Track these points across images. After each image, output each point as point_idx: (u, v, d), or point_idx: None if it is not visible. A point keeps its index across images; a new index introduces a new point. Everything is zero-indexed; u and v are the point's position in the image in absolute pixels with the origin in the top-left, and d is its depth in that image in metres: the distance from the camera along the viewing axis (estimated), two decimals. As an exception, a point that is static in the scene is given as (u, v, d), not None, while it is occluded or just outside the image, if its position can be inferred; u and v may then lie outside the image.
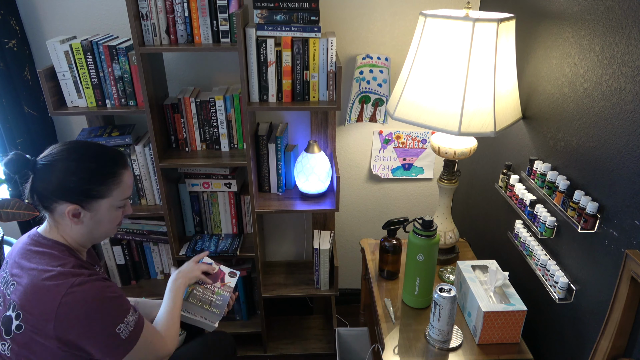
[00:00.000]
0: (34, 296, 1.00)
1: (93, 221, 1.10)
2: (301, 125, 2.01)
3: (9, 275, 1.07)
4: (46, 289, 0.99)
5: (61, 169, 1.05)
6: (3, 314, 1.05)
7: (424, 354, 1.30)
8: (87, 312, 1.00)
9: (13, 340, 1.02)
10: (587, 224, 1.10)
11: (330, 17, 1.83)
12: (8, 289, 1.05)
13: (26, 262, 1.05)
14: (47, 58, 1.84)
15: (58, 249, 1.08)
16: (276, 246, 2.29)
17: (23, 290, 1.01)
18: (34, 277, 1.02)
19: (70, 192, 1.05)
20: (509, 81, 1.34)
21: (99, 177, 1.08)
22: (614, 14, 1.05)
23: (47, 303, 0.98)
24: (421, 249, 1.36)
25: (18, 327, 1.01)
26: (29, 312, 1.00)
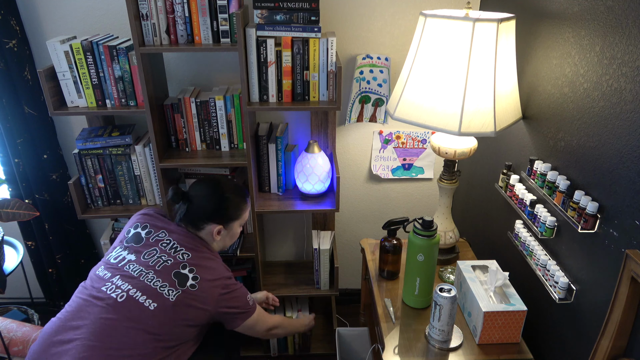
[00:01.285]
0: (209, 271, 1.36)
1: (227, 237, 1.52)
2: (301, 125, 2.01)
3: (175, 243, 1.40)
4: (218, 269, 1.39)
5: (212, 200, 1.45)
6: (175, 269, 1.34)
7: (424, 354, 1.30)
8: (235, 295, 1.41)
9: (184, 292, 1.30)
10: (587, 224, 1.10)
11: (330, 17, 1.83)
12: (178, 254, 1.37)
13: (192, 245, 1.40)
14: (47, 58, 1.84)
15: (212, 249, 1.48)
16: (276, 246, 2.29)
17: (202, 264, 1.37)
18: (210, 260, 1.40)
19: (218, 216, 1.45)
20: (509, 81, 1.34)
21: (237, 204, 1.50)
22: (614, 14, 1.05)
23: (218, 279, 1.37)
24: (421, 249, 1.36)
25: (192, 286, 1.32)
26: (204, 279, 1.34)
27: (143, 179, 1.82)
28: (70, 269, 2.15)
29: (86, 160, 1.77)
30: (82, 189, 1.82)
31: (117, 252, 1.40)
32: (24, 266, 2.03)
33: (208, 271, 1.36)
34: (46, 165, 1.94)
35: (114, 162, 1.78)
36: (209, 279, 1.35)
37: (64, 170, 2.00)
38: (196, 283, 1.32)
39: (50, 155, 1.93)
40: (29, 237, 2.08)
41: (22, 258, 1.83)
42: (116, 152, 1.76)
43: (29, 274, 2.21)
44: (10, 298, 2.34)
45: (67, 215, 2.06)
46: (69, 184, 1.74)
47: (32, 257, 2.14)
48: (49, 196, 1.98)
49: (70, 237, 2.11)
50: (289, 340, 2.11)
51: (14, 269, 1.75)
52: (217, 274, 1.38)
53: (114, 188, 1.83)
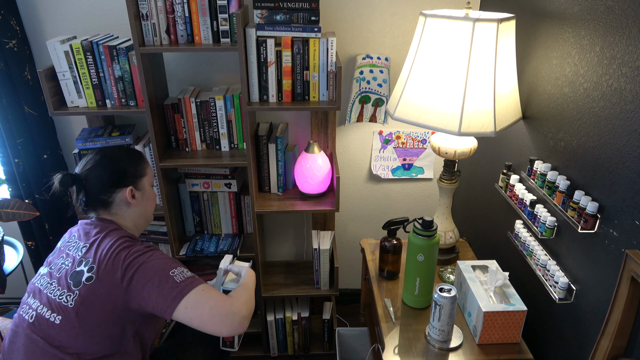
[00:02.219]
0: (107, 251, 1.17)
1: (144, 199, 1.34)
2: (301, 125, 2.01)
3: (77, 241, 1.25)
4: (118, 246, 1.18)
5: (106, 166, 1.28)
6: (72, 270, 1.18)
7: (424, 354, 1.30)
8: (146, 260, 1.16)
9: (81, 290, 1.14)
10: (587, 224, 1.10)
11: (330, 17, 1.83)
12: (78, 252, 1.22)
13: (93, 232, 1.24)
14: (47, 58, 1.84)
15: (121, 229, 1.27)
16: (276, 246, 2.29)
17: (97, 249, 1.18)
18: (107, 239, 1.20)
19: (122, 178, 1.29)
20: (509, 81, 1.34)
21: (136, 159, 1.34)
22: (614, 14, 1.05)
23: (120, 257, 1.15)
24: (421, 249, 1.36)
25: (88, 279, 1.15)
26: (102, 264, 1.15)
27: (143, 179, 1.82)
28: (70, 269, 2.15)
29: (86, 160, 1.77)
30: (82, 189, 1.82)
31: (39, 271, 1.28)
32: (24, 266, 2.03)
33: (107, 255, 1.16)
34: (46, 165, 1.94)
35: (114, 162, 1.78)
36: (109, 261, 1.14)
37: (64, 170, 2.00)
38: (92, 274, 1.14)
39: (50, 155, 1.93)
40: (29, 237, 2.08)
41: (22, 258, 1.83)
42: (116, 152, 1.76)
43: (29, 274, 2.21)
44: (10, 298, 2.34)
45: (67, 215, 2.06)
46: (69, 184, 1.74)
47: (32, 257, 2.14)
48: (49, 196, 1.98)
49: (70, 237, 2.11)
50: (288, 341, 2.11)
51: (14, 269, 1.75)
52: (120, 253, 1.15)
53: (114, 188, 1.83)
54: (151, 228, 1.94)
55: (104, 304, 1.14)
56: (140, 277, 1.14)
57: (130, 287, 1.14)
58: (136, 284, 1.14)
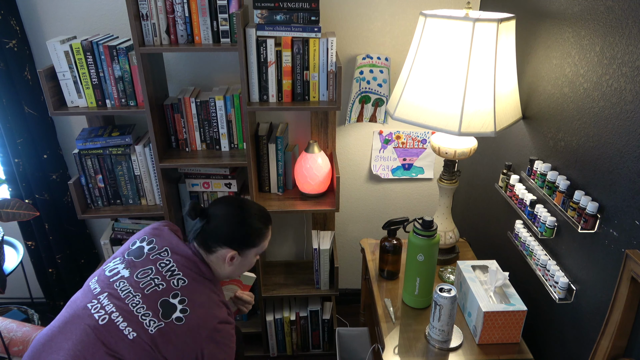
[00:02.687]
0: (204, 305, 1.20)
1: (240, 264, 1.35)
2: (301, 125, 2.01)
3: (174, 265, 1.25)
4: (213, 306, 1.22)
5: (233, 224, 1.30)
6: (164, 297, 1.19)
7: (424, 354, 1.30)
8: (226, 342, 1.22)
9: (167, 325, 1.16)
10: (587, 224, 1.10)
11: (330, 17, 1.83)
12: (174, 279, 1.22)
13: (193, 272, 1.25)
14: (47, 58, 1.84)
15: (215, 280, 1.31)
16: (276, 246, 2.29)
17: (195, 294, 1.21)
18: (206, 290, 1.23)
19: (236, 242, 1.30)
20: (509, 81, 1.34)
21: (259, 233, 1.34)
22: (614, 14, 1.05)
23: (211, 318, 1.20)
24: (421, 249, 1.36)
25: (178, 319, 1.17)
26: (195, 315, 1.18)
27: (143, 179, 1.82)
28: (70, 269, 2.15)
29: (86, 160, 1.77)
30: (82, 189, 1.82)
31: (114, 263, 1.29)
32: (24, 266, 2.03)
33: (201, 306, 1.20)
34: (46, 165, 1.94)
35: (114, 162, 1.78)
36: (201, 315, 1.19)
37: (64, 170, 2.00)
38: (184, 317, 1.17)
39: (50, 155, 1.93)
40: (29, 237, 2.08)
41: (22, 258, 1.83)
42: (116, 152, 1.76)
43: (29, 274, 2.21)
44: (10, 298, 2.34)
45: (67, 215, 2.06)
46: (69, 184, 1.74)
47: (32, 257, 2.14)
48: (49, 196, 1.98)
49: (70, 237, 2.11)
50: (287, 341, 2.11)
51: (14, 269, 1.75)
52: (212, 312, 1.21)
53: (114, 188, 1.83)
54: (151, 228, 1.94)
55: (179, 349, 1.16)
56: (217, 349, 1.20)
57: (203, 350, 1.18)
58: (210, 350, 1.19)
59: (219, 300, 1.25)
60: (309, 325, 2.09)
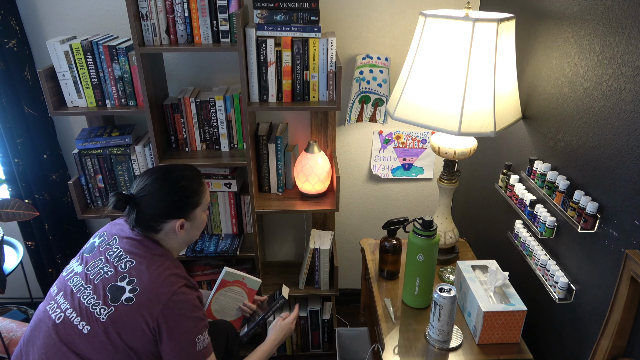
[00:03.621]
0: (153, 281, 1.16)
1: (193, 228, 1.32)
2: (301, 125, 2.01)
3: (120, 251, 1.23)
4: (165, 279, 1.17)
5: (163, 196, 1.24)
6: (112, 282, 1.17)
7: (424, 354, 1.30)
8: (185, 313, 1.17)
9: (117, 309, 1.13)
10: (587, 224, 1.10)
11: (330, 17, 1.83)
12: (121, 263, 1.20)
13: (140, 251, 1.22)
14: (47, 58, 1.84)
15: (166, 255, 1.27)
16: (276, 246, 2.29)
17: (144, 272, 1.17)
18: (155, 266, 1.19)
19: (175, 211, 1.26)
20: (509, 81, 1.34)
21: (193, 191, 1.29)
22: (614, 14, 1.05)
23: (164, 292, 1.15)
24: (421, 249, 1.36)
25: (128, 300, 1.14)
26: (145, 291, 1.14)
27: (143, 179, 1.82)
28: (70, 269, 2.15)
29: (86, 160, 1.77)
30: (82, 189, 1.82)
31: (71, 264, 1.27)
32: (24, 266, 2.03)
33: (151, 282, 1.16)
34: (46, 165, 1.94)
35: (114, 162, 1.78)
36: (150, 290, 1.14)
37: (63, 170, 2.00)
38: (133, 296, 1.13)
39: (50, 155, 1.93)
40: (29, 237, 2.08)
41: (22, 258, 1.83)
42: (116, 152, 1.76)
43: (29, 274, 2.21)
44: (10, 298, 2.34)
45: (67, 215, 2.06)
46: (69, 184, 1.74)
47: (32, 257, 2.14)
48: (49, 196, 1.98)
49: (70, 237, 2.11)
50: (287, 341, 2.11)
51: (14, 269, 1.75)
52: (163, 286, 1.15)
53: (114, 188, 1.83)
54: (151, 228, 1.94)
55: (135, 330, 1.13)
56: (172, 327, 1.15)
57: (160, 332, 1.14)
58: (165, 332, 1.14)
59: (170, 273, 1.20)
60: (309, 325, 2.09)
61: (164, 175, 1.27)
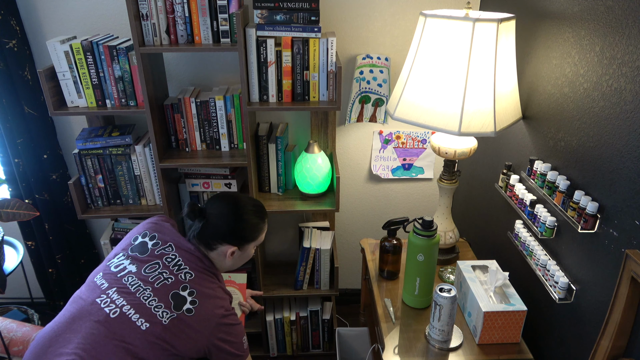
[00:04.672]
0: (210, 298, 1.26)
1: (240, 257, 1.41)
2: (301, 125, 2.01)
3: (180, 260, 1.30)
4: (218, 297, 1.29)
5: (231, 221, 1.35)
6: (174, 290, 1.25)
7: (424, 354, 1.30)
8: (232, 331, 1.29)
9: (179, 316, 1.21)
10: (587, 224, 1.10)
11: (330, 17, 1.83)
12: (181, 273, 1.28)
13: (199, 266, 1.31)
14: (47, 58, 1.84)
15: (217, 273, 1.37)
16: (276, 246, 2.29)
17: (203, 288, 1.27)
18: (210, 283, 1.30)
19: (234, 238, 1.36)
20: (509, 81, 1.34)
21: (256, 228, 1.40)
22: (614, 14, 1.05)
23: (217, 308, 1.26)
24: (421, 249, 1.36)
25: (189, 311, 1.23)
26: (203, 306, 1.24)
27: (143, 179, 1.82)
28: (70, 269, 2.15)
29: (86, 160, 1.77)
30: (82, 189, 1.82)
31: (119, 259, 1.31)
32: (24, 266, 2.03)
33: (209, 297, 1.27)
34: (46, 165, 1.94)
35: (114, 162, 1.78)
36: (209, 306, 1.25)
37: (64, 170, 2.00)
38: (193, 308, 1.23)
39: (50, 155, 1.93)
40: (29, 237, 2.08)
41: (22, 258, 1.83)
42: (116, 152, 1.76)
43: (29, 274, 2.21)
44: (10, 298, 2.34)
45: (67, 215, 2.06)
46: (69, 184, 1.74)
47: (32, 257, 2.14)
48: (49, 196, 1.98)
49: (70, 237, 2.11)
50: (287, 341, 2.11)
51: (14, 269, 1.75)
52: (219, 302, 1.28)
53: (114, 188, 1.83)
54: (151, 228, 1.94)
55: (191, 339, 1.22)
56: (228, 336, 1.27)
57: (215, 338, 1.24)
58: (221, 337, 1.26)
59: (223, 291, 1.32)
60: (309, 325, 2.09)
61: (239, 203, 1.39)
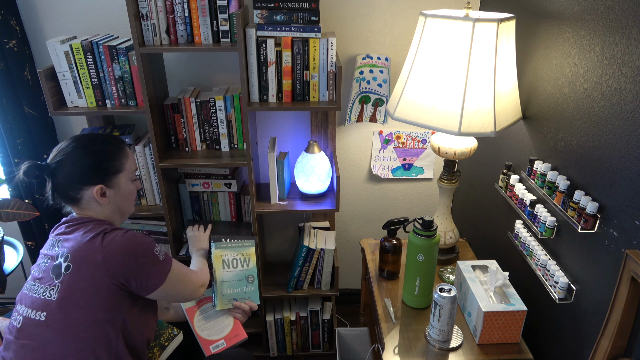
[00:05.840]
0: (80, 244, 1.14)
1: (118, 196, 1.26)
2: (301, 125, 2.01)
3: (54, 239, 1.22)
4: (90, 241, 1.15)
5: (77, 159, 1.20)
6: (52, 264, 1.17)
7: (424, 354, 1.30)
8: (127, 246, 1.15)
9: (61, 282, 1.13)
10: (587, 224, 1.10)
11: (330, 17, 1.83)
12: (55, 247, 1.20)
13: (69, 228, 1.21)
14: (47, 58, 1.84)
15: (94, 220, 1.23)
16: (276, 246, 2.29)
17: (72, 240, 1.16)
18: (79, 235, 1.17)
19: (92, 175, 1.21)
20: (509, 81, 1.34)
21: (110, 154, 1.24)
22: (614, 14, 1.05)
23: (92, 245, 1.13)
24: (421, 249, 1.36)
25: (67, 268, 1.13)
26: (77, 255, 1.13)
27: (143, 179, 1.82)
28: (70, 269, 2.15)
29: (86, 160, 1.77)
30: (82, 189, 1.82)
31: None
32: (24, 266, 2.03)
33: (80, 244, 1.14)
34: (46, 165, 1.94)
35: (114, 162, 1.78)
36: (82, 250, 1.13)
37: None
38: (69, 262, 1.13)
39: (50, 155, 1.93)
40: (29, 237, 2.08)
41: (22, 258, 1.83)
42: (116, 152, 1.76)
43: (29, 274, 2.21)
44: (11, 298, 2.34)
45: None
46: (69, 184, 1.74)
47: (32, 257, 2.14)
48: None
49: (70, 237, 2.11)
50: (287, 341, 2.11)
51: (14, 269, 1.75)
52: (91, 241, 1.14)
53: (114, 188, 1.83)
54: (151, 228, 1.94)
55: (86, 289, 1.11)
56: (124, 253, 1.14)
57: (113, 265, 1.12)
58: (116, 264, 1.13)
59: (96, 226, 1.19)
60: (309, 325, 2.09)
61: (79, 138, 1.23)
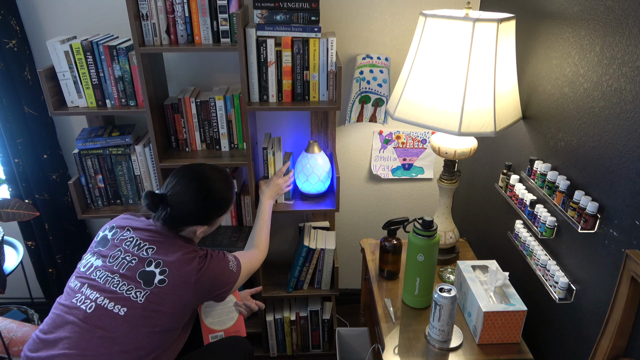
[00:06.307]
0: (179, 261, 1.26)
1: (209, 230, 1.40)
2: (301, 125, 2.01)
3: (138, 240, 1.30)
4: (187, 257, 1.27)
5: (194, 206, 1.31)
6: (140, 268, 1.25)
7: (424, 354, 1.30)
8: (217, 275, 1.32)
9: (152, 291, 1.22)
10: (587, 224, 1.10)
11: (330, 17, 1.83)
12: (142, 250, 1.28)
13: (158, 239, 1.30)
14: (47, 58, 1.84)
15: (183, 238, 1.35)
16: (276, 246, 2.29)
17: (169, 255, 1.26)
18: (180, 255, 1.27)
19: (204, 219, 1.34)
20: (509, 81, 1.34)
21: (227, 204, 1.39)
22: (614, 14, 1.05)
23: (190, 268, 1.26)
24: (421, 249, 1.36)
25: (161, 282, 1.23)
26: (173, 272, 1.24)
27: (143, 179, 1.82)
28: (70, 269, 2.14)
29: (86, 160, 1.77)
30: (82, 189, 1.82)
31: (86, 259, 1.33)
32: (24, 266, 2.03)
33: (176, 262, 1.26)
34: (46, 165, 1.94)
35: (114, 162, 1.78)
36: (180, 269, 1.25)
37: (64, 170, 2.00)
38: (165, 277, 1.24)
39: (50, 155, 1.93)
40: (29, 237, 2.08)
41: (22, 258, 1.83)
42: (116, 152, 1.76)
43: (29, 274, 2.21)
44: (10, 298, 2.34)
45: (67, 215, 2.06)
46: (69, 184, 1.74)
47: (32, 257, 2.14)
48: (49, 196, 1.98)
49: (70, 237, 2.11)
50: (287, 341, 2.11)
51: (14, 269, 1.75)
52: (188, 260, 1.27)
53: (114, 188, 1.83)
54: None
55: (175, 304, 1.24)
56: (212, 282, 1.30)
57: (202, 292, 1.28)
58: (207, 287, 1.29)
59: (188, 248, 1.30)
60: (309, 325, 2.09)
61: (203, 183, 1.34)
